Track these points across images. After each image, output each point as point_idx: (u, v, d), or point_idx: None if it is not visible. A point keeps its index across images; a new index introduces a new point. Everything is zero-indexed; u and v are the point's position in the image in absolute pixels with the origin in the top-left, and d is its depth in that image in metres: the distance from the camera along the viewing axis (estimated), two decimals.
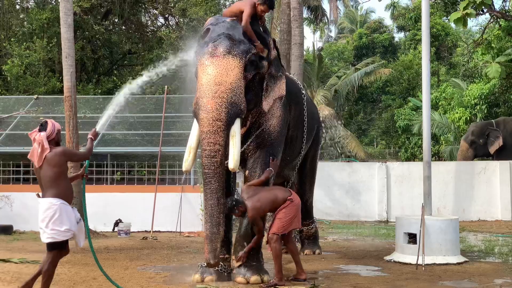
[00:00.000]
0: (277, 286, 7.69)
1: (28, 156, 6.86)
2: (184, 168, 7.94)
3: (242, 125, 8.10)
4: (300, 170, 10.52)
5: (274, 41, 8.63)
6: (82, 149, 6.85)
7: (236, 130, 7.68)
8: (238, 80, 7.65)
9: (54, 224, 6.60)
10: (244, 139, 8.23)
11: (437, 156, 27.68)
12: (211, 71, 7.62)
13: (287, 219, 7.99)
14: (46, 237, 6.63)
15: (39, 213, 6.67)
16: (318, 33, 54.36)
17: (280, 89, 8.37)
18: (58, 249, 6.75)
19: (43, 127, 6.79)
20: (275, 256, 7.90)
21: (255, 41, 8.00)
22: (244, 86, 7.76)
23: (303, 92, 10.04)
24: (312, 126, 10.16)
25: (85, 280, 8.22)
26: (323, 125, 12.90)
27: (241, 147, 8.16)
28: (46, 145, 6.72)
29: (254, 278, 7.85)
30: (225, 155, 7.69)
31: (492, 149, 19.48)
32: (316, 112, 11.24)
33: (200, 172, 11.41)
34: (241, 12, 8.07)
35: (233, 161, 7.60)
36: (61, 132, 7.21)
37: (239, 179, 10.96)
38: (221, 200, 7.50)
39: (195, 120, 7.87)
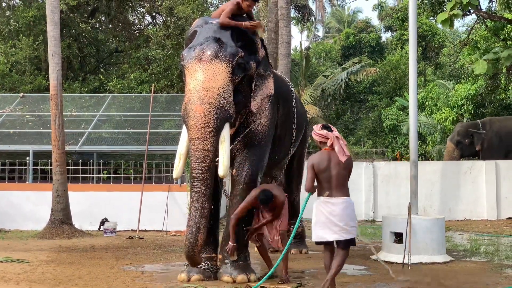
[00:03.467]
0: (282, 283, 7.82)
1: (342, 155, 6.88)
2: (174, 175, 7.89)
3: (231, 126, 8.08)
4: (287, 169, 10.52)
5: (262, 40, 8.60)
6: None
7: (225, 136, 7.64)
8: (226, 85, 7.60)
9: (353, 222, 6.91)
10: (232, 139, 8.22)
11: (423, 156, 27.78)
12: (198, 76, 7.58)
13: (288, 215, 8.22)
14: (343, 235, 6.82)
15: (333, 212, 6.81)
16: (305, 33, 54.50)
17: (268, 88, 8.33)
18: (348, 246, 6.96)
19: (329, 128, 7.02)
20: (287, 254, 8.03)
21: (240, 25, 8.01)
22: (232, 89, 7.73)
23: (292, 89, 10.02)
24: (301, 125, 10.16)
25: (71, 279, 8.17)
26: None
27: (232, 148, 8.19)
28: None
29: (240, 277, 7.84)
30: (215, 159, 7.65)
31: (478, 147, 19.60)
32: (304, 111, 11.24)
33: (187, 171, 11.38)
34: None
35: (223, 168, 7.57)
36: (47, 130, 7.18)
37: (226, 179, 10.92)
38: (206, 204, 7.45)
39: (184, 126, 7.83)
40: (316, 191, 7.01)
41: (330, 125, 7.12)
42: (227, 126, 7.66)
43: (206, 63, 7.60)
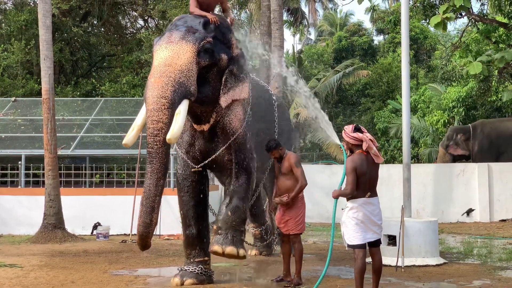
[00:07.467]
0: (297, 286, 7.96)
1: (378, 157, 6.96)
2: (124, 141, 7.71)
3: (206, 121, 8.07)
4: (270, 172, 10.44)
5: (237, 44, 8.58)
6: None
7: (181, 110, 7.43)
8: (189, 64, 7.54)
9: (380, 221, 7.01)
10: (210, 139, 8.21)
11: (416, 158, 27.82)
12: (163, 54, 7.57)
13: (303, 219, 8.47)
14: (379, 233, 7.05)
15: (374, 212, 6.92)
16: (297, 36, 54.50)
17: (242, 92, 8.22)
18: None
19: (360, 130, 6.99)
20: (300, 257, 8.20)
21: (204, 15, 8.04)
22: (197, 71, 7.64)
23: (274, 98, 10.15)
24: (282, 130, 10.16)
25: (64, 284, 8.15)
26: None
27: (209, 150, 8.23)
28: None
29: (229, 249, 7.70)
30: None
31: (467, 150, 19.66)
32: (288, 116, 11.38)
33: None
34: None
35: (171, 132, 7.28)
36: (39, 134, 7.12)
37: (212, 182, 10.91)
38: (160, 181, 7.33)
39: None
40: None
41: (360, 126, 7.11)
42: (185, 102, 7.49)
43: (172, 44, 7.60)
